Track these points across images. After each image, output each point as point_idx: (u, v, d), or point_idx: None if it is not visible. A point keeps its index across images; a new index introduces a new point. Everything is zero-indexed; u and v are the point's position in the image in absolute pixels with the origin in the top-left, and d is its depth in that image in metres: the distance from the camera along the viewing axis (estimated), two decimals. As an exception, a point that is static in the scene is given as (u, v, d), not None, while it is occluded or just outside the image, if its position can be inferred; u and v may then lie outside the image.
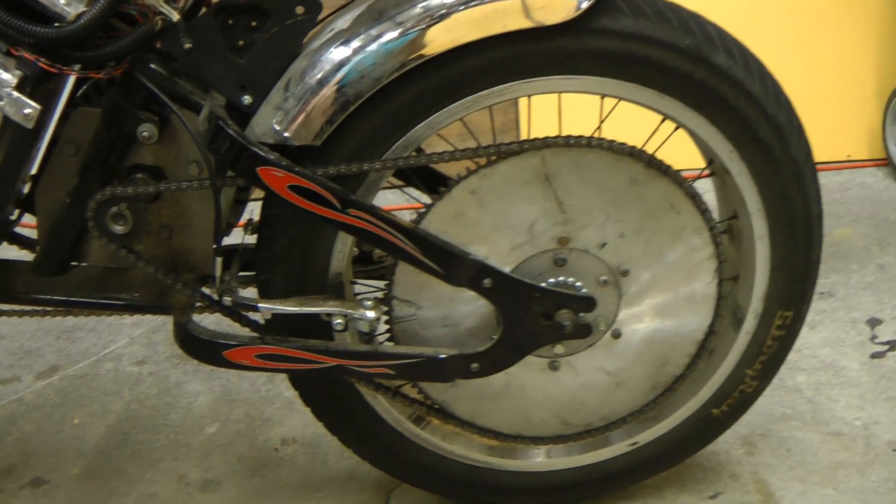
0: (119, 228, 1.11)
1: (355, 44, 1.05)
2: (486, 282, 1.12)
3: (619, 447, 1.34)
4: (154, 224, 1.20)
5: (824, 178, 2.50)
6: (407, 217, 1.13)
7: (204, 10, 1.12)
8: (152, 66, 1.08)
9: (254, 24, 1.07)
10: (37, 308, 1.23)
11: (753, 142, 1.13)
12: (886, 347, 1.80)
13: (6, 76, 0.98)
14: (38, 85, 1.02)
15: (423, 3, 1.04)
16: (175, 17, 1.03)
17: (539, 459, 1.35)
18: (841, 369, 1.75)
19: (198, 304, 1.17)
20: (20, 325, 1.93)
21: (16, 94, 0.99)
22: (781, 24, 2.43)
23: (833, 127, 2.54)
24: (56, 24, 0.99)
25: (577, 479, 1.36)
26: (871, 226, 2.25)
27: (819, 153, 2.55)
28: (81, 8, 0.98)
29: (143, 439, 1.60)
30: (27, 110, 1.00)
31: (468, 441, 1.33)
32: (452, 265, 1.10)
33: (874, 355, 1.78)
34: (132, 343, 1.88)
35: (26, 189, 1.22)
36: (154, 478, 1.50)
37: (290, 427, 1.61)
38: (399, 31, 1.04)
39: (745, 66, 1.10)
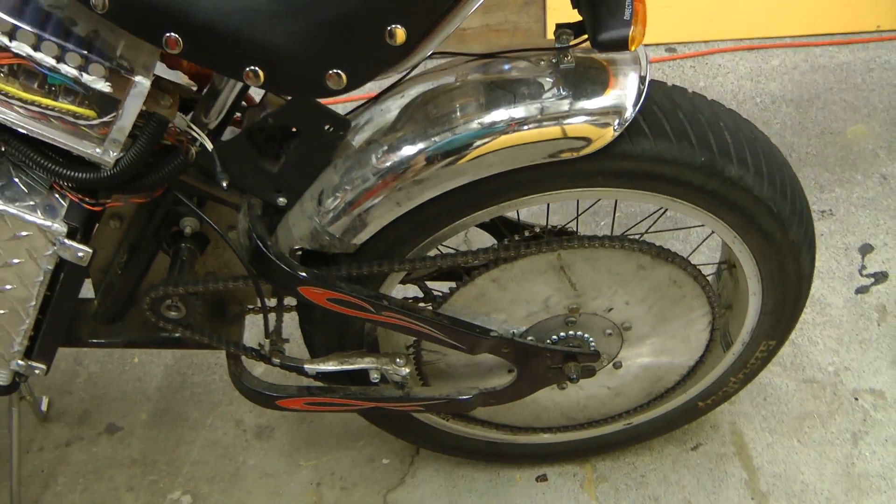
0: (174, 315, 1.23)
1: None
2: (504, 350, 1.27)
3: (614, 426, 1.56)
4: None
5: (849, 55, 2.48)
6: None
7: (232, 128, 1.14)
8: (188, 181, 1.14)
9: (284, 140, 1.11)
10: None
11: (756, 231, 1.20)
12: (871, 281, 1.92)
13: (57, 226, 1.06)
14: (87, 228, 1.09)
15: (455, 134, 1.06)
16: (209, 145, 1.07)
17: (546, 436, 1.57)
18: (826, 306, 1.87)
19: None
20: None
21: (68, 242, 1.07)
22: None
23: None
24: (97, 170, 1.04)
25: (577, 447, 1.59)
26: (885, 122, 2.25)
27: (847, 23, 2.49)
28: (118, 154, 1.03)
29: (199, 381, 1.81)
30: (80, 254, 1.08)
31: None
32: (473, 342, 1.24)
33: (859, 290, 1.90)
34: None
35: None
36: (214, 424, 1.74)
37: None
38: (427, 164, 1.08)
39: (757, 172, 1.14)
